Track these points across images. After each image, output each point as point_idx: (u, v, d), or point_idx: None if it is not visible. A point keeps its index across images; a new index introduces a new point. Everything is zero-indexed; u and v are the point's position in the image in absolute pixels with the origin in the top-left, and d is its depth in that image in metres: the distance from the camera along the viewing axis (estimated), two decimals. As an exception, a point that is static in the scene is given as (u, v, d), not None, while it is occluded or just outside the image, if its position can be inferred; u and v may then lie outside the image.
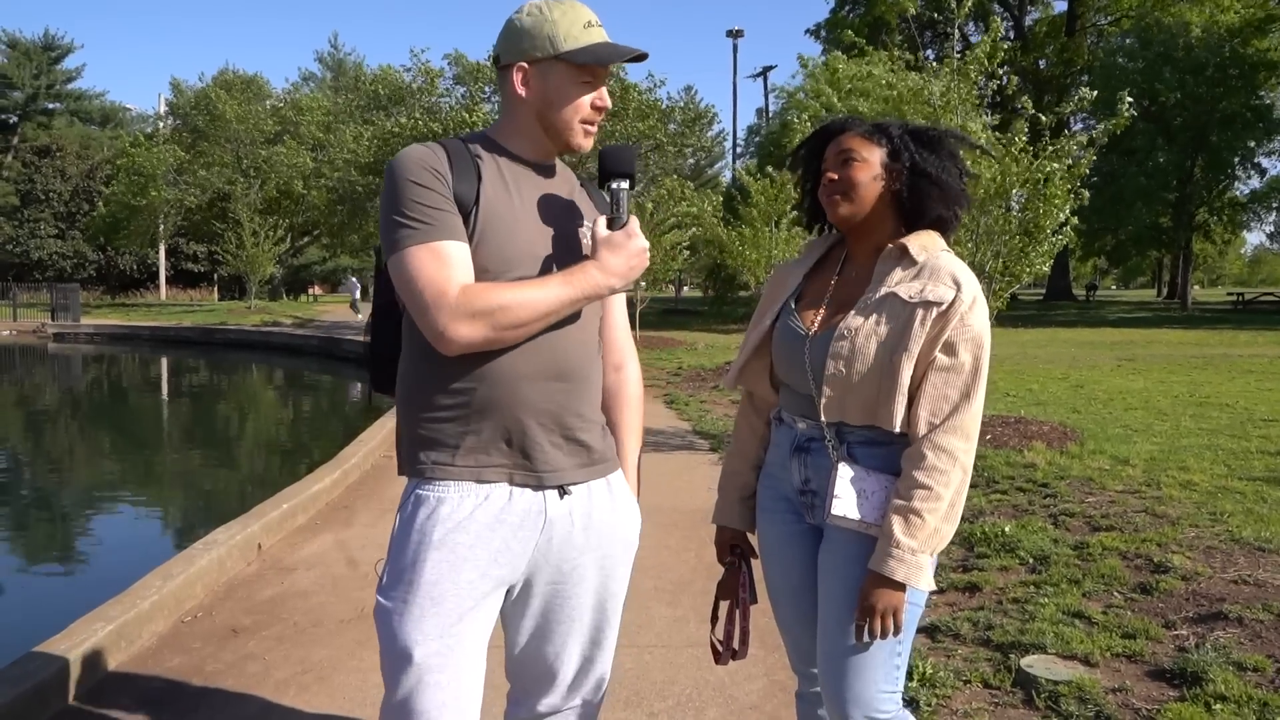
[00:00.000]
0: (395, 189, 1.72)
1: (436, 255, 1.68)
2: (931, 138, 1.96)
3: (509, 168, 1.84)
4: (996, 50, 7.65)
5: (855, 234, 2.00)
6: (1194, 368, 14.24)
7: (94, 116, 59.23)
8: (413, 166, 1.72)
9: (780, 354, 2.02)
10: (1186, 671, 3.26)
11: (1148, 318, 31.17)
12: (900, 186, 1.94)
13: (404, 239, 1.69)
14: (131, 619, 3.69)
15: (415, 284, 1.67)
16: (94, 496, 8.65)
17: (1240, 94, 34.19)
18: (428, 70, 25.09)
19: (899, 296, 1.86)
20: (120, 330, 29.76)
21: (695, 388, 12.38)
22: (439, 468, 1.78)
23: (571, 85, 1.80)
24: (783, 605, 2.11)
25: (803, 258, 2.14)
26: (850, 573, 1.89)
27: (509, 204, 1.80)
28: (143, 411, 15.16)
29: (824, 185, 1.97)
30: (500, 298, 1.67)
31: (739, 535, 2.20)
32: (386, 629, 1.76)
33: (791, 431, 2.01)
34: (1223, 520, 5.16)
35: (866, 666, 1.89)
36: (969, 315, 1.84)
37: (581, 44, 1.77)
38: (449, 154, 1.78)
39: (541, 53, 1.78)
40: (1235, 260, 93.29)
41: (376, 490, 6.52)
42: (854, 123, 2.00)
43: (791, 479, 2.02)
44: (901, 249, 1.91)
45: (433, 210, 1.70)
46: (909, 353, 1.82)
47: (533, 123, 1.84)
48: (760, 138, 40.74)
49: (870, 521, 1.86)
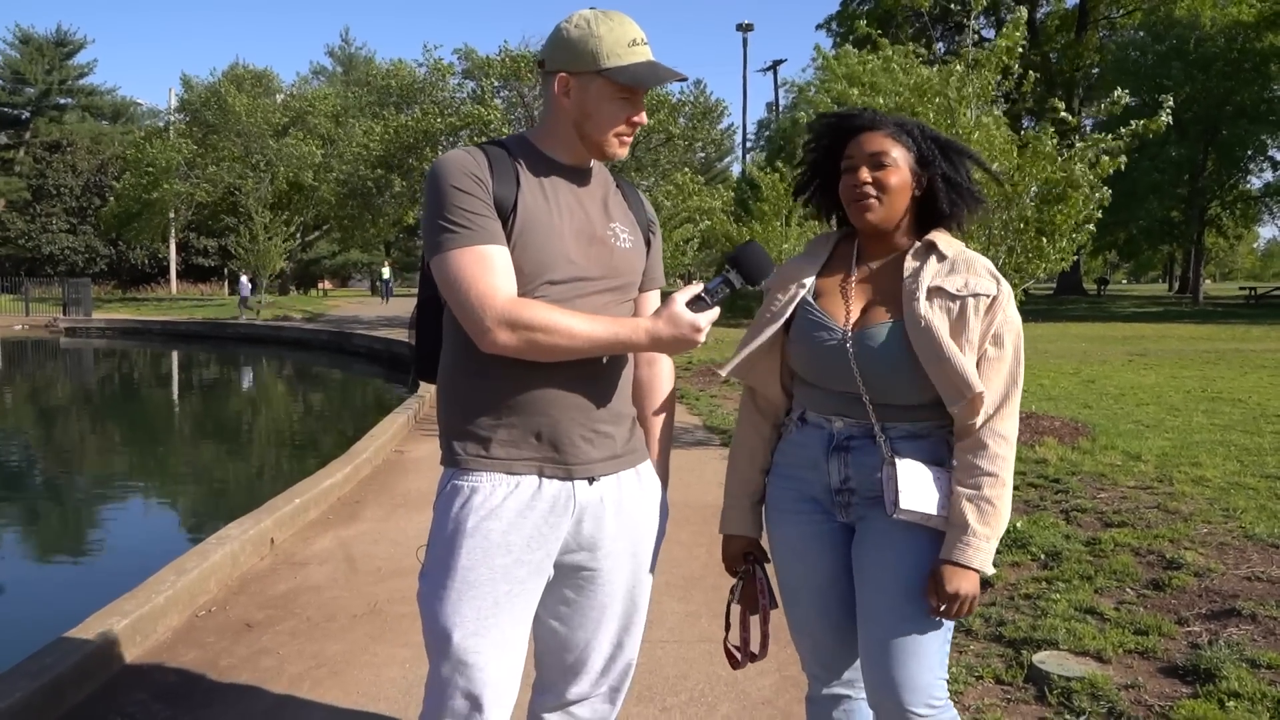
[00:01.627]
0: (439, 193, 1.78)
1: (480, 258, 1.74)
2: (951, 149, 1.97)
3: (546, 172, 1.88)
4: (1016, 44, 7.60)
5: (875, 233, 1.99)
6: (1206, 363, 14.18)
7: (105, 112, 59.35)
8: (455, 171, 1.78)
9: (809, 353, 1.99)
10: (1199, 668, 3.26)
11: (1159, 312, 31.05)
12: (923, 191, 1.95)
13: (448, 242, 1.75)
14: (146, 613, 3.71)
15: (460, 285, 1.74)
16: (108, 491, 8.70)
17: (1252, 87, 34.01)
18: (438, 66, 25.08)
19: (946, 290, 1.89)
20: (131, 325, 29.90)
21: (706, 382, 12.37)
22: (473, 459, 1.85)
23: (610, 101, 1.83)
24: (803, 606, 2.08)
25: (811, 254, 2.10)
26: (903, 563, 1.90)
27: (545, 209, 1.84)
28: (155, 406, 15.23)
29: (853, 186, 1.94)
30: (546, 318, 1.73)
31: (752, 543, 2.17)
32: (428, 611, 1.85)
33: (823, 431, 1.99)
34: (1235, 516, 5.14)
35: (923, 654, 1.90)
36: (1008, 307, 1.91)
37: (625, 63, 1.80)
38: (489, 159, 1.83)
39: (584, 66, 1.81)
40: (1247, 254, 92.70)
41: (388, 485, 6.54)
42: (880, 120, 1.96)
43: (825, 479, 1.99)
44: (930, 244, 1.94)
45: (475, 215, 1.76)
46: (970, 342, 1.87)
47: (570, 130, 1.88)
48: (770, 132, 40.70)
49: (931, 514, 1.87)
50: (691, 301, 1.80)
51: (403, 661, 3.51)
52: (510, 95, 24.90)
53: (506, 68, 24.01)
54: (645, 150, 24.32)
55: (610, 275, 1.90)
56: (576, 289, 1.84)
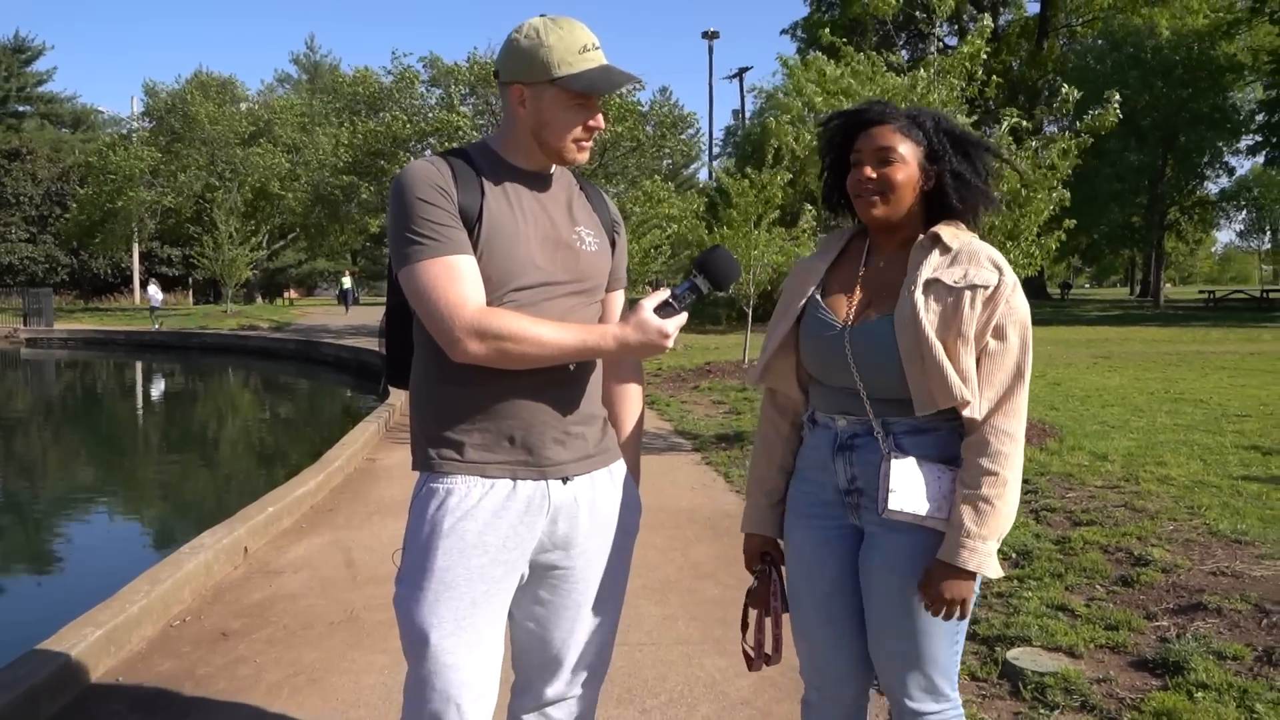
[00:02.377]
0: (404, 205, 1.79)
1: (448, 269, 1.76)
2: (967, 142, 1.93)
3: (509, 179, 1.90)
4: (980, 51, 7.71)
5: (883, 228, 1.97)
6: (1168, 365, 14.41)
7: (65, 120, 58.69)
8: (419, 183, 1.79)
9: (814, 349, 1.98)
10: (1168, 661, 3.32)
11: (1122, 316, 31.49)
12: (933, 187, 1.92)
13: (415, 254, 1.77)
14: (121, 624, 3.68)
15: (429, 296, 1.75)
16: (77, 503, 8.59)
17: (1208, 95, 34.65)
18: (404, 74, 24.99)
19: (943, 282, 1.84)
20: (95, 335, 29.48)
21: (676, 388, 12.41)
22: (448, 462, 1.86)
23: (566, 110, 1.84)
24: (804, 610, 2.06)
25: (823, 251, 2.09)
26: (905, 569, 1.88)
27: (510, 215, 1.86)
28: (122, 416, 15.04)
29: (859, 181, 1.91)
30: (515, 327, 1.75)
31: (769, 542, 2.15)
32: (404, 614, 1.85)
33: (830, 431, 1.97)
34: (1200, 514, 5.24)
35: (931, 657, 1.90)
36: (1013, 298, 1.85)
37: (576, 70, 1.81)
38: (452, 169, 1.84)
39: (537, 76, 1.82)
40: (1206, 259, 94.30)
41: (360, 492, 6.51)
42: (891, 113, 1.92)
43: (835, 480, 1.97)
44: (934, 237, 1.90)
45: (440, 226, 1.78)
46: (964, 336, 1.82)
47: (529, 138, 1.89)
48: (738, 138, 40.85)
49: (925, 514, 1.83)
50: (659, 307, 1.81)
51: (381, 668, 3.50)
52: (478, 102, 24.84)
53: (474, 74, 23.95)
54: (613, 158, 24.34)
55: (577, 279, 1.91)
56: (544, 294, 1.86)
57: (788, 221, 14.71)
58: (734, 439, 8.31)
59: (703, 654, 3.63)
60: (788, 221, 14.71)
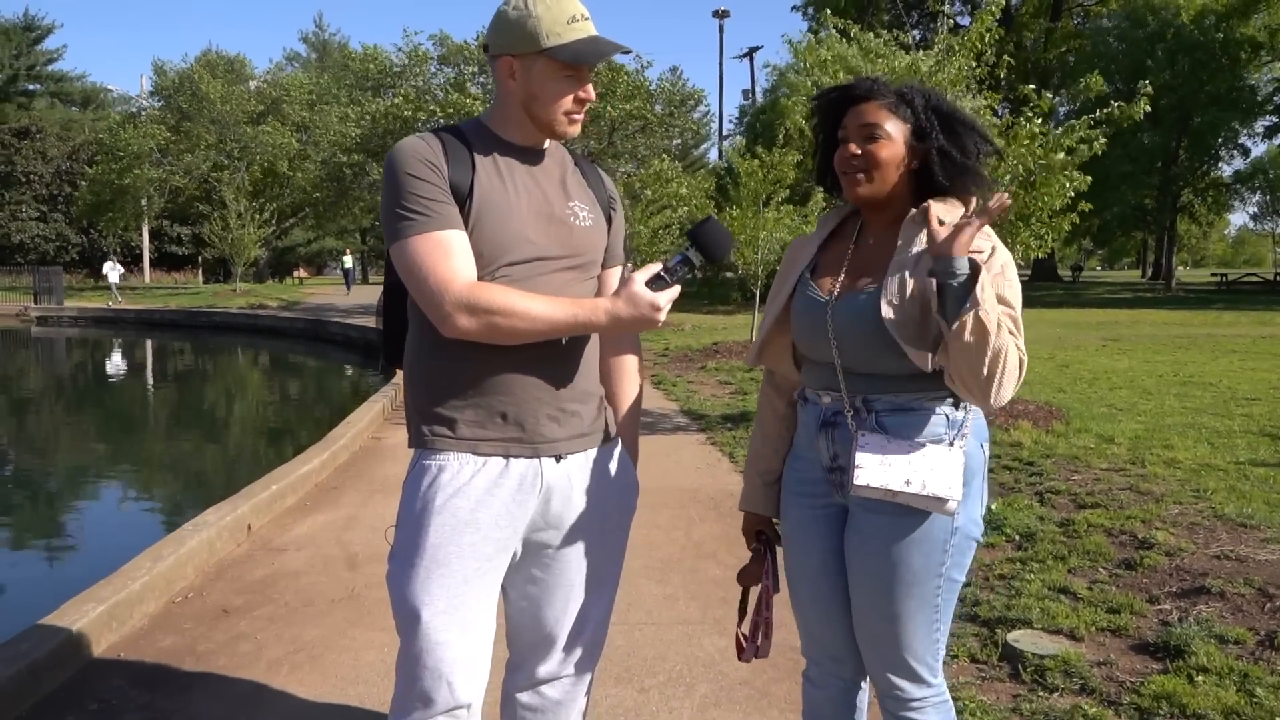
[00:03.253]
0: (395, 181, 1.79)
1: (438, 244, 1.76)
2: (955, 120, 1.88)
3: (501, 154, 1.89)
4: (990, 29, 7.62)
5: (872, 206, 1.94)
6: (1178, 348, 14.33)
7: (75, 98, 58.60)
8: (410, 159, 1.79)
9: (800, 325, 1.97)
10: (1170, 645, 3.31)
11: (1132, 298, 31.32)
12: (921, 165, 1.88)
13: (405, 229, 1.77)
14: (123, 600, 3.69)
15: (418, 271, 1.75)
16: (83, 479, 8.63)
17: (1225, 76, 34.29)
18: (415, 53, 24.90)
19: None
20: (105, 314, 29.57)
21: (683, 368, 12.40)
22: (440, 439, 1.86)
23: (555, 81, 1.83)
24: (799, 589, 2.06)
25: (817, 230, 2.09)
26: (881, 550, 1.86)
27: (502, 191, 1.85)
28: (130, 394, 15.10)
29: (844, 158, 1.90)
30: (504, 301, 1.74)
31: (764, 521, 2.15)
32: (397, 591, 1.85)
33: (817, 408, 1.96)
34: (1206, 497, 5.21)
35: (912, 639, 1.89)
36: (1008, 269, 1.80)
37: (565, 40, 1.79)
38: (444, 145, 1.83)
39: (526, 48, 1.81)
40: (1219, 241, 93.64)
41: (365, 471, 6.52)
42: (879, 90, 1.89)
43: (820, 457, 1.96)
44: (926, 213, 1.81)
45: (431, 202, 1.77)
46: None
47: (520, 112, 1.88)
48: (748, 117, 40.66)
49: (896, 489, 1.78)
50: (651, 281, 1.79)
51: (380, 645, 3.51)
52: (486, 81, 24.75)
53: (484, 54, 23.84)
54: (623, 136, 24.25)
55: (571, 254, 1.90)
56: (536, 269, 1.85)
57: (798, 201, 14.64)
58: (739, 419, 8.29)
59: (702, 633, 3.63)
60: (798, 201, 14.64)
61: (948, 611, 1.91)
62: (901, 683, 1.92)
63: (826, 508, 1.99)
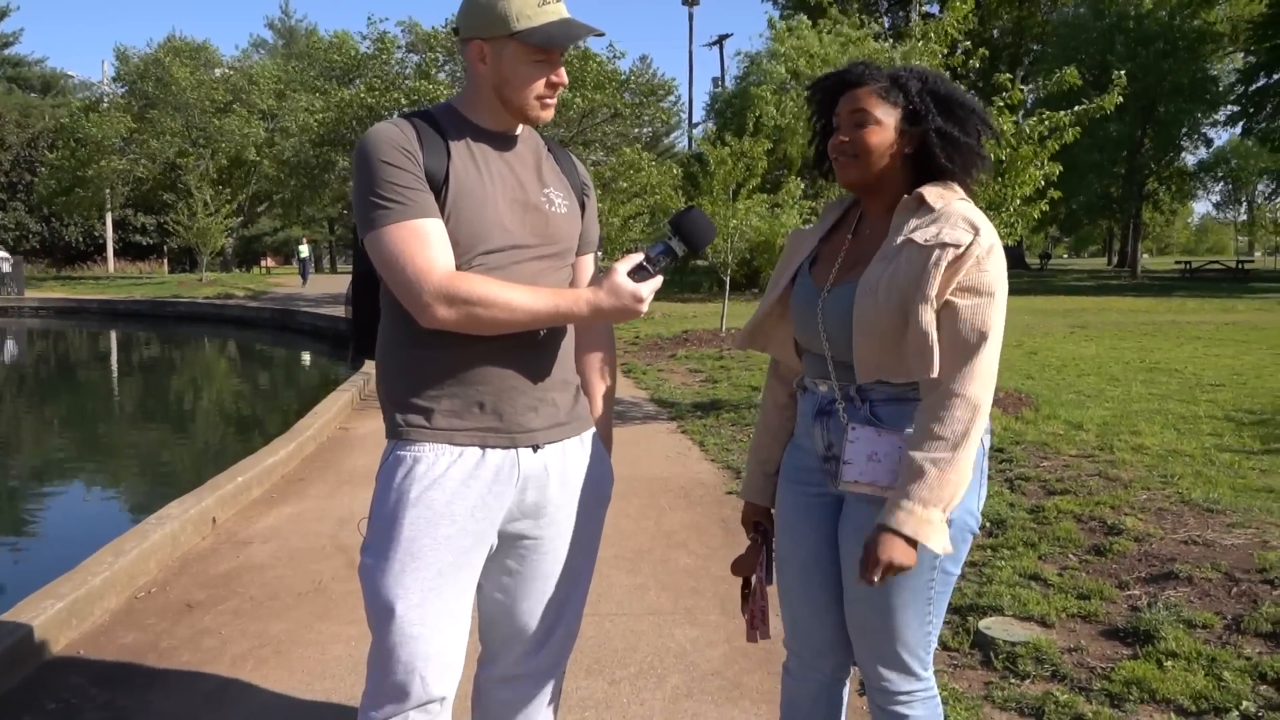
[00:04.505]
0: (369, 168, 1.74)
1: (415, 233, 1.72)
2: (954, 103, 1.84)
3: (475, 140, 1.85)
4: (965, 16, 7.62)
5: (868, 193, 1.91)
6: (1144, 334, 14.49)
7: (34, 84, 57.40)
8: (384, 146, 1.75)
9: (797, 316, 1.96)
10: (1139, 630, 3.33)
11: (1099, 286, 31.66)
12: (917, 149, 1.85)
13: (381, 218, 1.73)
14: (83, 596, 3.61)
15: (396, 261, 1.71)
16: (43, 472, 8.48)
17: (1188, 66, 34.68)
18: (382, 40, 24.62)
19: (915, 242, 1.77)
20: (67, 304, 29.07)
21: (653, 357, 12.36)
22: (415, 429, 1.83)
23: (526, 65, 1.79)
24: (789, 579, 2.04)
25: (820, 221, 2.07)
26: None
27: (478, 178, 1.82)
28: (93, 386, 14.86)
29: (834, 145, 1.88)
30: (485, 292, 1.70)
31: (762, 511, 2.14)
32: (370, 584, 1.82)
33: (814, 397, 1.94)
34: (1173, 482, 5.26)
35: (900, 633, 1.87)
36: (986, 260, 1.74)
37: (536, 24, 1.76)
38: (417, 131, 1.80)
39: (497, 31, 1.77)
40: (1183, 229, 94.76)
41: (333, 462, 6.44)
42: (871, 75, 1.86)
43: (815, 446, 1.94)
44: (919, 198, 1.82)
45: (407, 189, 1.73)
46: (926, 297, 1.72)
47: (492, 96, 1.85)
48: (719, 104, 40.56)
49: (884, 485, 1.77)
50: (633, 271, 1.77)
51: (348, 639, 3.46)
52: (454, 69, 24.53)
53: (452, 41, 23.64)
54: (592, 125, 24.14)
55: (546, 242, 1.87)
56: (513, 257, 1.82)
57: (769, 189, 14.62)
58: (710, 407, 8.28)
59: (673, 624, 3.61)
60: (769, 189, 14.62)
61: (941, 604, 1.89)
62: (891, 675, 1.91)
63: (821, 496, 1.96)
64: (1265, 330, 14.85)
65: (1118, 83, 7.42)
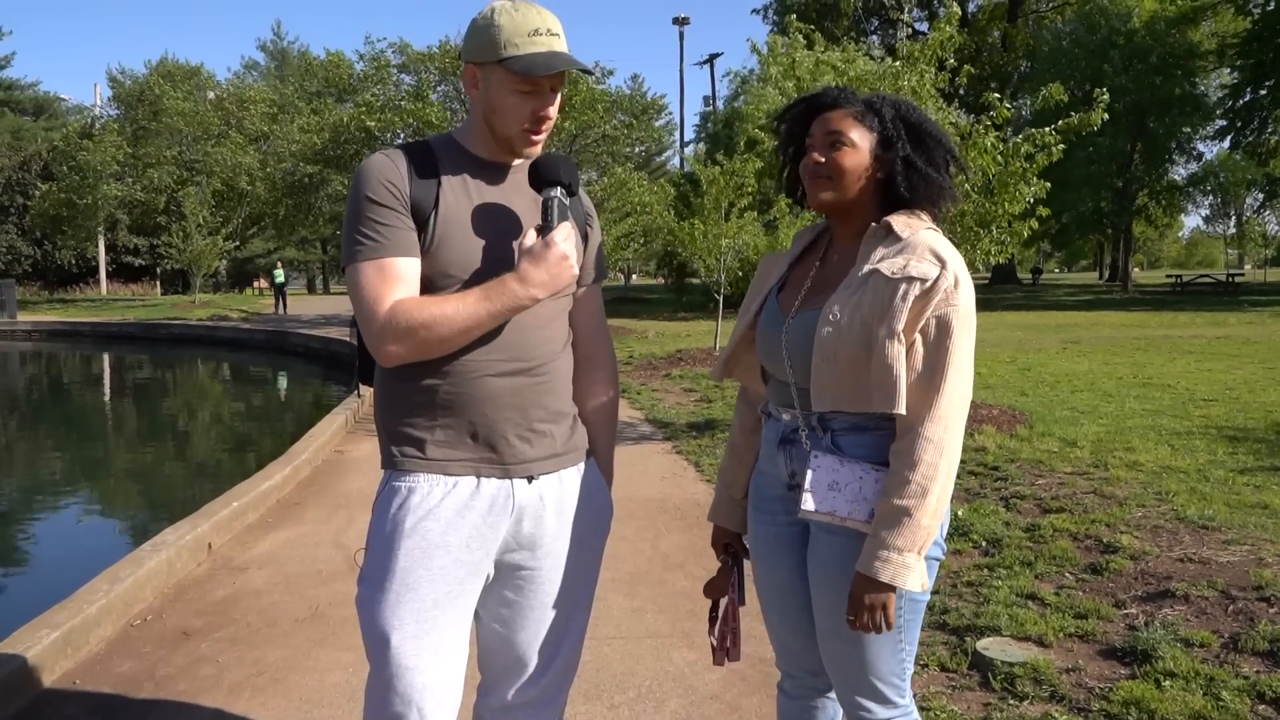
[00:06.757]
0: (354, 204, 1.78)
1: (381, 271, 1.75)
2: (923, 132, 1.85)
3: (470, 170, 1.86)
4: (949, 36, 7.67)
5: (838, 217, 1.92)
6: (1136, 349, 14.53)
7: (26, 107, 57.46)
8: (372, 180, 1.77)
9: (761, 342, 1.95)
10: (1137, 649, 3.33)
11: (1091, 300, 31.73)
12: (888, 175, 1.85)
13: (356, 254, 1.76)
14: (78, 624, 3.60)
15: (358, 297, 1.76)
16: (38, 499, 8.44)
17: (1178, 80, 34.98)
18: (376, 61, 24.71)
19: (881, 273, 1.75)
20: (60, 327, 29.02)
21: (647, 376, 12.37)
22: (410, 460, 1.83)
23: (509, 93, 1.79)
24: (767, 605, 2.05)
25: (791, 247, 2.07)
26: (833, 570, 1.82)
27: (468, 208, 1.82)
28: (86, 410, 14.82)
29: (808, 166, 1.86)
30: (421, 316, 1.71)
31: (730, 534, 2.14)
32: (366, 615, 1.82)
33: (778, 425, 1.94)
34: (1168, 499, 5.27)
35: (873, 660, 1.86)
36: (954, 293, 1.72)
37: (522, 52, 1.76)
38: (410, 162, 1.81)
39: (486, 56, 1.79)
40: (1173, 243, 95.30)
41: (328, 486, 6.43)
42: (846, 99, 1.87)
43: (780, 474, 1.94)
44: (886, 227, 1.81)
45: (384, 227, 1.76)
46: (893, 332, 1.71)
47: (482, 124, 1.86)
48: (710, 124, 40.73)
49: (844, 515, 1.78)
50: (538, 233, 1.77)
51: (346, 666, 3.45)
52: (448, 90, 24.62)
53: (447, 62, 23.71)
54: (583, 145, 24.21)
55: None
56: None
57: (761, 207, 14.67)
58: (705, 427, 8.28)
59: (672, 647, 3.60)
60: (761, 207, 14.67)
61: (912, 631, 1.88)
62: (868, 703, 1.90)
63: (789, 525, 1.96)
64: (1257, 344, 14.90)
65: (1100, 99, 7.47)
